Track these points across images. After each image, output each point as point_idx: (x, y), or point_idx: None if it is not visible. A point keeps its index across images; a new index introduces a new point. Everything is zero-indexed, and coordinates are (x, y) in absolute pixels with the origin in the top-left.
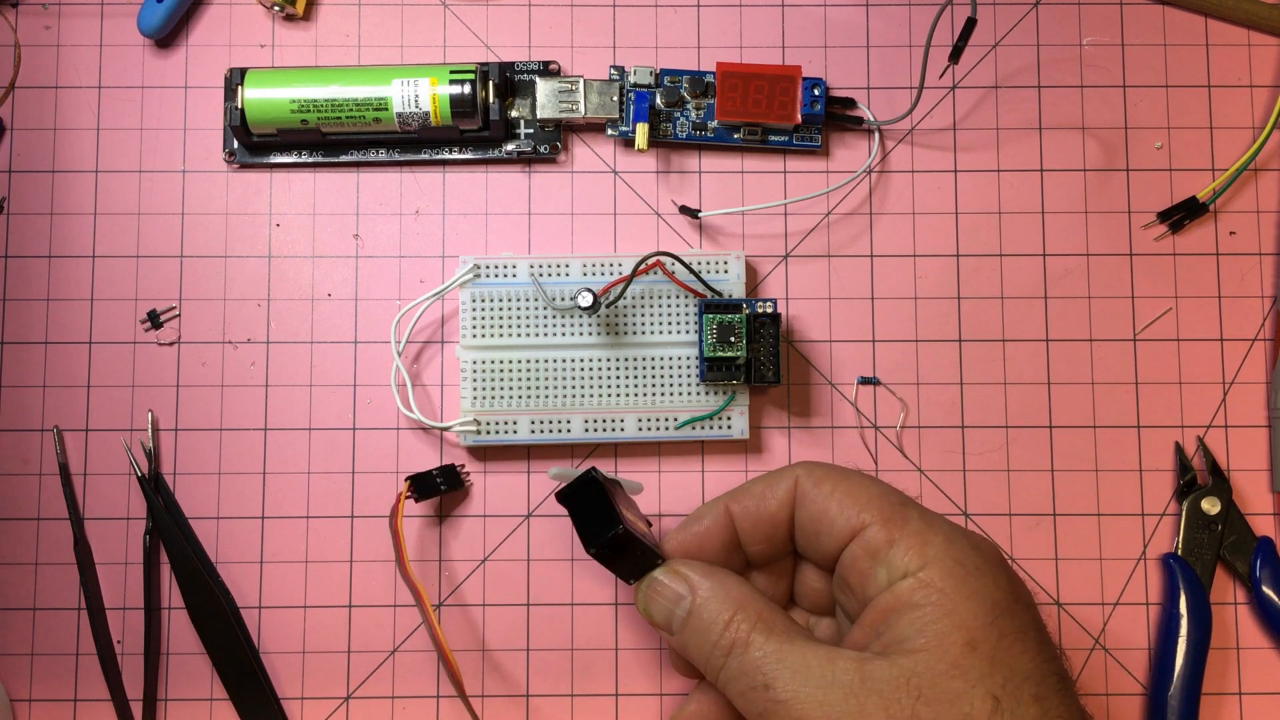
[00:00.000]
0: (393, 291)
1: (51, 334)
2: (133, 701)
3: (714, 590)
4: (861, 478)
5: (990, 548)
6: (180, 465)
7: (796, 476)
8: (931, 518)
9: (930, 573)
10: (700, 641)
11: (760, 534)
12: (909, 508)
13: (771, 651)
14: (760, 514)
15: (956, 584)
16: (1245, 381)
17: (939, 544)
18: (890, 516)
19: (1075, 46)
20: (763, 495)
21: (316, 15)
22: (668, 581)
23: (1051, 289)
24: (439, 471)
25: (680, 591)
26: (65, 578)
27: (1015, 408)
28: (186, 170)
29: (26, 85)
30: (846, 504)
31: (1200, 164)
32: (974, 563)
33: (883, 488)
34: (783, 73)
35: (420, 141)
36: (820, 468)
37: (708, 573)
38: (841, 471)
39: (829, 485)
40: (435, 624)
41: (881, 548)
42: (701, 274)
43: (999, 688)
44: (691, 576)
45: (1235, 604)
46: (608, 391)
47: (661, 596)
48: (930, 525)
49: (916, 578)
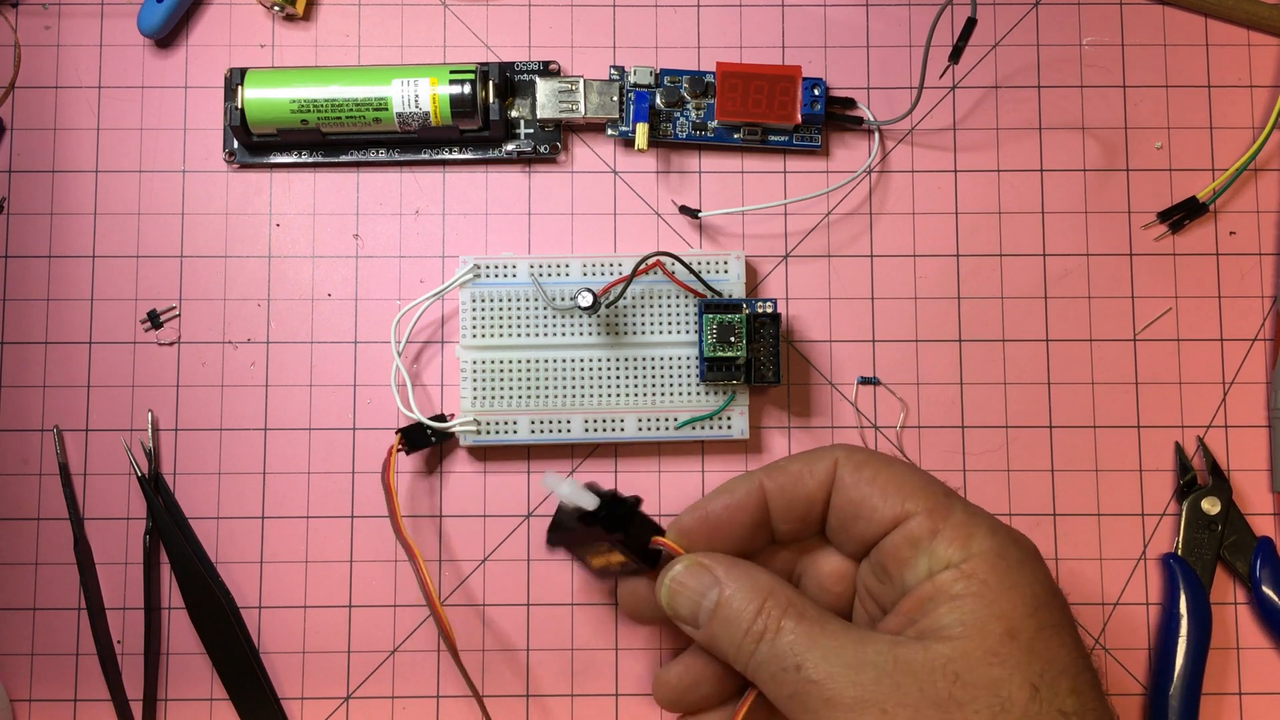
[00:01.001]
0: (393, 291)
1: (51, 334)
2: (133, 701)
3: (741, 581)
4: (903, 466)
5: (1029, 543)
6: (180, 465)
7: (837, 459)
8: (974, 510)
9: (973, 564)
10: (730, 632)
11: (794, 513)
12: (953, 499)
13: (804, 635)
14: (796, 493)
15: (999, 576)
16: (1245, 381)
17: (982, 536)
18: (935, 507)
19: (1075, 46)
20: (800, 475)
21: (316, 15)
22: (692, 574)
23: (1051, 289)
24: (430, 422)
25: (706, 584)
26: (65, 578)
27: (1015, 408)
28: (186, 170)
29: (26, 85)
30: (890, 492)
31: (1200, 164)
32: (1015, 556)
33: (926, 478)
34: (783, 73)
35: (420, 141)
36: (861, 452)
37: (732, 564)
38: (883, 458)
39: (870, 471)
40: (428, 580)
41: (924, 538)
42: (701, 274)
43: (1037, 676)
44: (716, 569)
45: (1235, 604)
46: (608, 391)
47: (687, 590)
48: (973, 518)
49: (959, 569)
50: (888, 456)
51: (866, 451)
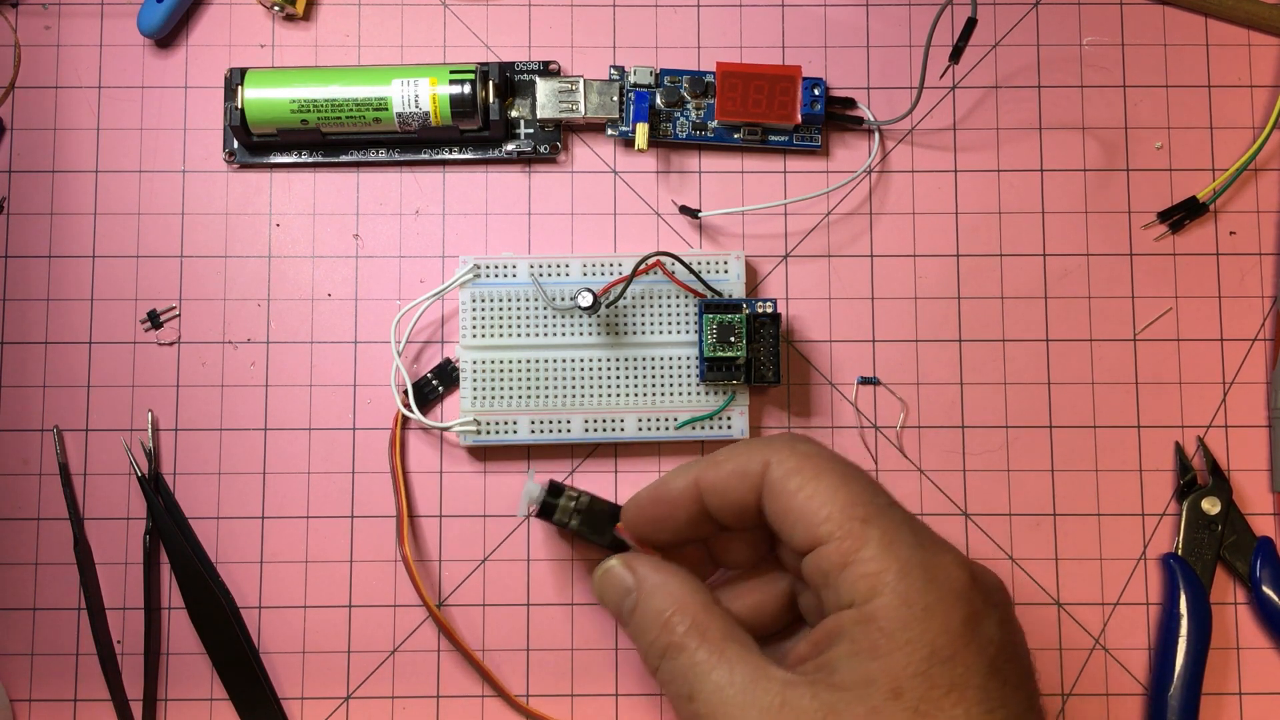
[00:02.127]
0: (393, 291)
1: (51, 334)
2: (133, 701)
3: (656, 588)
4: (832, 477)
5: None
6: (180, 465)
7: (768, 462)
8: (895, 540)
9: (875, 605)
10: (640, 639)
11: (730, 514)
12: (872, 525)
13: (701, 661)
14: (728, 496)
15: (898, 625)
16: (1245, 381)
17: (893, 575)
18: (849, 534)
19: (1075, 46)
20: (731, 479)
21: (316, 15)
22: (616, 574)
23: (1051, 289)
24: (432, 373)
25: (628, 584)
26: (65, 578)
27: (1015, 408)
28: (186, 170)
29: (26, 85)
30: (808, 511)
31: (1200, 164)
32: (924, 602)
33: (852, 493)
34: (783, 73)
35: (420, 141)
36: (795, 455)
37: (655, 568)
38: (814, 465)
39: (796, 482)
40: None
41: (833, 570)
42: (701, 274)
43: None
44: (639, 570)
45: (1235, 604)
46: (608, 391)
47: (612, 586)
48: (889, 550)
49: (860, 610)
50: (821, 461)
51: (801, 454)
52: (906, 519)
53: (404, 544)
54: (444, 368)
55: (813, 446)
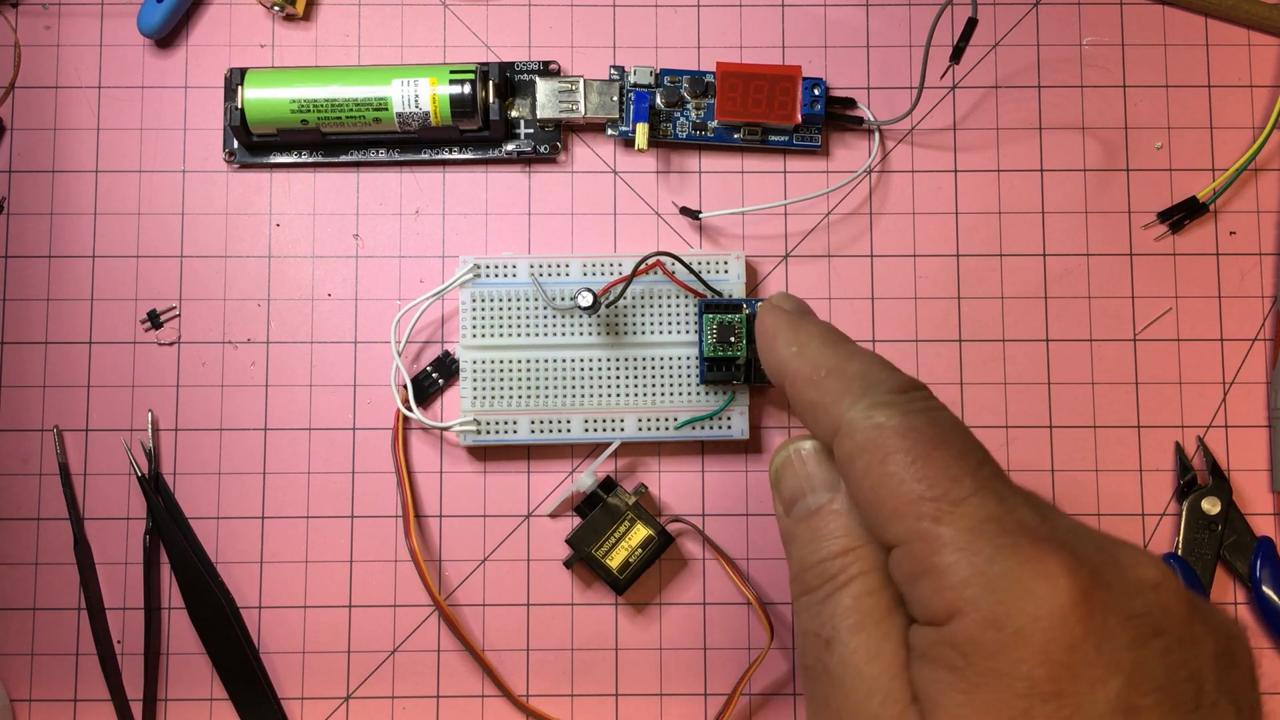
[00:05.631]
0: (393, 291)
1: (51, 334)
2: (133, 701)
3: (850, 512)
4: (904, 456)
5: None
6: (180, 465)
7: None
8: (977, 543)
9: (956, 628)
10: (805, 551)
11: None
12: (943, 525)
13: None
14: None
15: (985, 655)
16: (1245, 381)
17: (975, 590)
18: (918, 536)
19: (1075, 46)
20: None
21: (316, 15)
22: (818, 462)
23: (1051, 289)
24: (431, 366)
25: (821, 484)
26: (65, 578)
27: (1015, 408)
28: (186, 170)
29: (26, 85)
30: (873, 504)
31: (1200, 164)
32: (1017, 623)
33: (926, 480)
34: (783, 73)
35: (420, 141)
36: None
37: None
38: (885, 441)
39: (862, 465)
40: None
41: (906, 581)
42: (701, 274)
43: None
44: (844, 486)
45: (1235, 604)
46: (608, 391)
47: (801, 475)
48: (968, 558)
49: (939, 631)
50: (892, 437)
51: (871, 428)
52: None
53: (411, 536)
54: (443, 360)
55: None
